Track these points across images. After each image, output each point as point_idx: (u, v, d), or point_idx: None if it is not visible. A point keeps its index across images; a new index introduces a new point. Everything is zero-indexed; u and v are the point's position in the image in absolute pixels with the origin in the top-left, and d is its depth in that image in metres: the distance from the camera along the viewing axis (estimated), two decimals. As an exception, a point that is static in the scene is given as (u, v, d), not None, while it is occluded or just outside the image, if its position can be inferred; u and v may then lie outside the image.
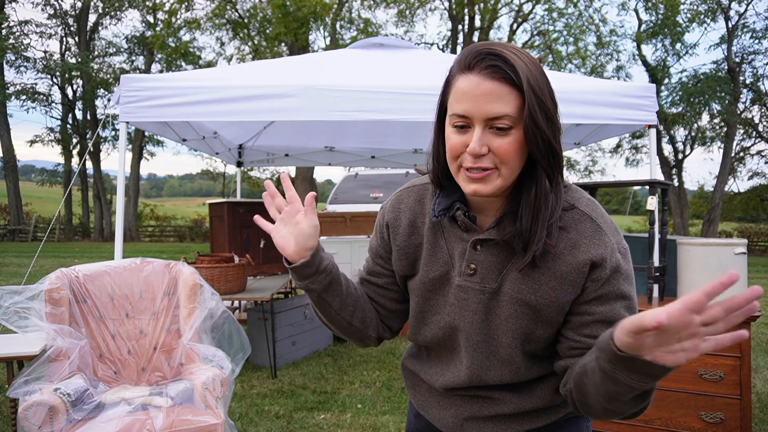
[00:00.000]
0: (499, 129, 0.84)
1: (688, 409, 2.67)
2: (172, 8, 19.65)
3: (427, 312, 1.03)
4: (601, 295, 0.90)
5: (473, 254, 0.95)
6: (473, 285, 0.95)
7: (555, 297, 0.91)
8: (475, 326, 0.96)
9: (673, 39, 18.30)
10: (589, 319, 0.91)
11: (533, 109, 0.83)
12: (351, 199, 7.81)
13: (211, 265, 3.76)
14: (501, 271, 0.94)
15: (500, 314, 0.94)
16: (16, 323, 2.35)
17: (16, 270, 10.44)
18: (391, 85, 3.45)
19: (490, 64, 0.83)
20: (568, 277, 0.90)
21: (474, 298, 0.96)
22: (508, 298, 0.93)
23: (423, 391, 1.10)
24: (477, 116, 0.84)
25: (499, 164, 0.86)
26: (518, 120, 0.84)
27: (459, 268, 0.97)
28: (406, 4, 19.84)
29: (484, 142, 0.84)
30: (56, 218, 14.67)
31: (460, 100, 0.85)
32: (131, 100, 3.35)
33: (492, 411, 1.01)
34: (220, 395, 2.36)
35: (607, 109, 3.56)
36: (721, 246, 2.68)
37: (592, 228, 0.91)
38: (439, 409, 1.07)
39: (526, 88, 0.82)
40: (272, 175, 25.43)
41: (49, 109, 21.87)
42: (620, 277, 0.90)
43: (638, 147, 21.27)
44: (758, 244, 19.13)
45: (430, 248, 1.00)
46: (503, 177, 0.87)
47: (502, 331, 0.95)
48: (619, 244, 0.92)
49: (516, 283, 0.92)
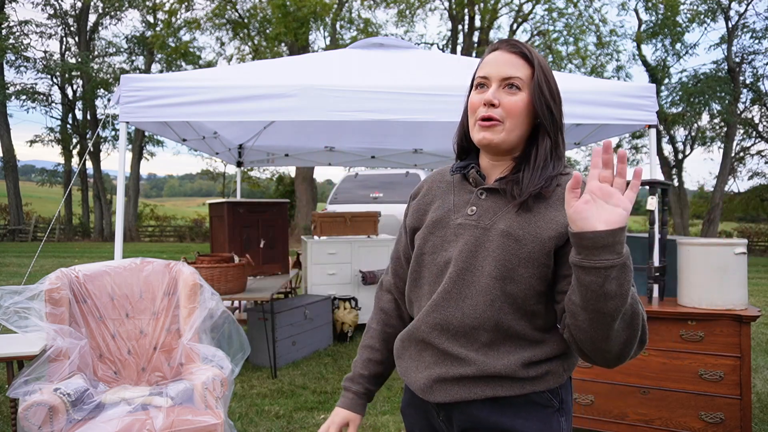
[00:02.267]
0: (510, 87, 1.05)
1: (688, 409, 2.68)
2: (172, 8, 19.65)
3: (425, 253, 1.13)
4: None
5: (477, 199, 1.10)
6: (470, 222, 1.08)
7: (538, 232, 1.02)
8: (462, 255, 1.06)
9: (673, 39, 18.29)
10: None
11: (540, 78, 1.06)
12: (351, 199, 7.80)
13: (211, 265, 3.76)
14: (497, 213, 1.07)
15: (488, 247, 1.05)
16: (16, 323, 2.35)
17: (16, 270, 10.44)
18: (391, 85, 3.45)
19: (511, 43, 1.09)
20: (554, 218, 1.02)
21: (469, 233, 1.07)
22: (499, 232, 1.04)
23: (406, 358, 1.17)
24: (494, 76, 1.07)
25: (505, 118, 1.05)
26: (526, 85, 1.06)
27: (462, 211, 1.11)
28: (406, 4, 19.83)
29: (497, 96, 1.05)
30: (56, 218, 14.66)
31: (484, 67, 1.09)
32: (131, 100, 3.35)
33: (456, 372, 1.06)
34: (220, 395, 2.36)
35: (607, 109, 3.56)
36: (721, 246, 2.68)
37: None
38: (415, 372, 1.13)
39: (536, 63, 1.07)
40: (272, 175, 25.47)
41: (49, 109, 21.87)
42: None
43: (638, 147, 21.27)
44: (758, 244, 19.12)
45: (440, 202, 1.16)
46: (507, 130, 1.06)
47: (487, 261, 1.04)
48: None
49: (508, 221, 1.05)
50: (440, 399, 1.08)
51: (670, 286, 3.16)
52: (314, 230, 5.68)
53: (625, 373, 2.80)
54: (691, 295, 2.75)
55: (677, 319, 2.71)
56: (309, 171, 18.32)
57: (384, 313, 1.28)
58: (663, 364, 2.73)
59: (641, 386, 2.77)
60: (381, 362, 1.26)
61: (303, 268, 5.84)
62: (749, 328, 2.58)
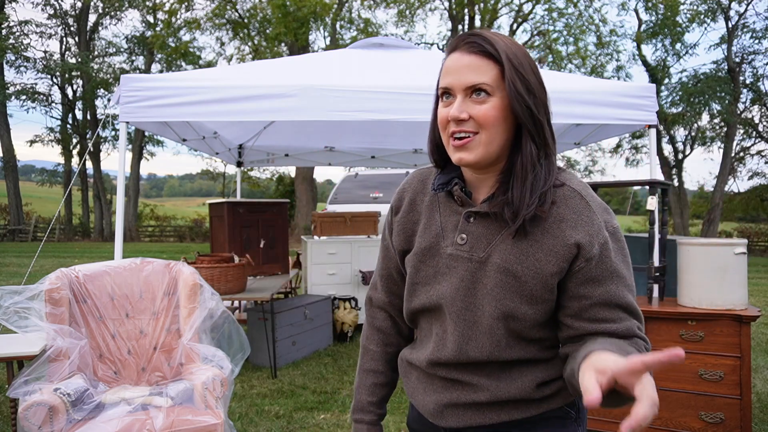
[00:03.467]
0: (478, 95, 0.91)
1: (688, 409, 2.67)
2: (172, 8, 19.65)
3: (417, 284, 1.05)
4: (595, 276, 0.92)
5: (466, 225, 0.99)
6: (462, 254, 0.98)
7: (539, 268, 0.93)
8: (460, 293, 0.98)
9: (673, 39, 18.29)
10: (587, 303, 0.93)
11: (512, 77, 0.91)
12: (351, 199, 7.80)
13: (211, 265, 3.76)
14: (491, 242, 0.96)
15: (486, 284, 0.96)
16: (16, 323, 2.35)
17: (16, 270, 10.44)
18: (391, 85, 3.45)
19: (469, 41, 0.93)
20: (553, 249, 0.92)
21: (462, 266, 0.98)
22: (495, 267, 0.95)
23: (413, 378, 1.12)
24: (457, 86, 0.93)
25: (480, 129, 0.92)
26: (496, 89, 0.92)
27: (451, 239, 1.00)
28: (406, 4, 19.83)
29: (464, 109, 0.92)
30: (56, 218, 14.66)
31: (445, 76, 0.95)
32: (131, 100, 3.35)
33: (469, 398, 1.01)
34: (220, 395, 2.36)
35: (607, 109, 3.56)
36: (721, 246, 2.68)
37: (580, 204, 0.94)
38: (423, 395, 1.08)
39: (504, 58, 0.91)
40: (272, 175, 25.46)
41: (49, 109, 21.87)
42: (611, 254, 0.93)
43: (638, 147, 21.27)
44: (758, 244, 19.12)
45: (426, 222, 1.05)
46: (484, 143, 0.93)
47: (487, 300, 0.96)
48: (607, 222, 0.94)
49: (504, 254, 0.95)
50: (452, 424, 1.04)
51: (670, 286, 3.16)
52: (314, 230, 5.69)
53: (625, 373, 2.79)
54: (691, 295, 2.75)
55: (677, 319, 2.71)
56: (309, 171, 18.31)
57: (382, 333, 1.21)
58: (663, 364, 2.72)
59: (641, 386, 2.77)
60: (387, 384, 1.22)
61: (303, 268, 5.84)
62: (749, 328, 2.58)
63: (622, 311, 0.93)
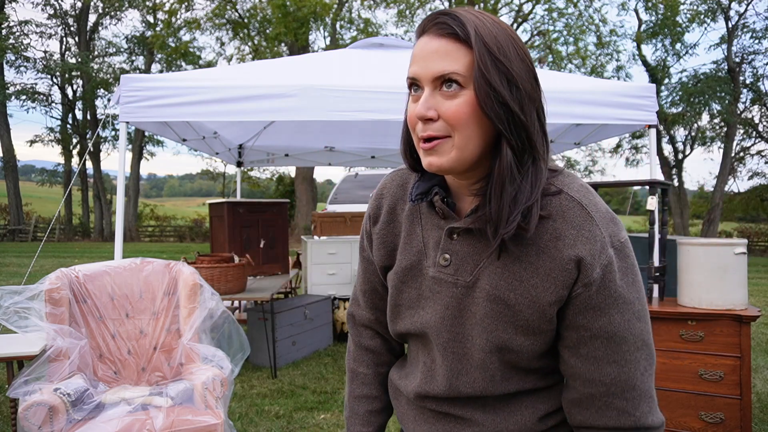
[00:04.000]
0: (448, 87, 0.75)
1: (688, 409, 2.67)
2: (172, 8, 19.65)
3: (401, 305, 0.93)
4: (596, 304, 0.78)
5: (448, 243, 0.85)
6: (446, 277, 0.85)
7: (534, 295, 0.79)
8: (446, 323, 0.86)
9: (673, 39, 18.30)
10: (586, 334, 0.80)
11: (484, 65, 0.73)
12: (351, 199, 7.81)
13: (211, 265, 3.76)
14: (477, 264, 0.83)
15: (475, 312, 0.83)
16: (16, 323, 2.35)
17: (16, 270, 10.44)
18: (391, 85, 3.45)
19: (439, 21, 0.76)
20: (550, 273, 0.78)
21: (447, 292, 0.86)
22: (485, 294, 0.82)
23: (402, 403, 1.01)
24: (424, 77, 0.76)
25: (452, 131, 0.76)
26: (470, 79, 0.74)
27: (433, 258, 0.87)
28: (406, 4, 19.84)
29: (432, 105, 0.76)
30: (56, 218, 14.66)
31: (411, 64, 0.78)
32: (131, 100, 3.35)
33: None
34: (220, 395, 2.36)
35: (607, 109, 3.56)
36: (721, 246, 2.67)
37: (581, 216, 0.78)
38: (414, 424, 0.97)
39: (474, 41, 0.73)
40: (272, 175, 25.47)
41: (49, 109, 21.87)
42: (615, 277, 0.78)
43: (638, 147, 21.28)
44: (758, 244, 19.12)
45: (407, 236, 0.92)
46: (457, 147, 0.76)
47: (477, 331, 0.84)
48: (613, 236, 0.79)
49: (493, 278, 0.81)
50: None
51: (670, 286, 3.16)
52: (314, 230, 5.69)
53: (625, 373, 2.80)
54: (691, 295, 2.75)
55: (677, 319, 2.71)
56: (309, 171, 18.31)
57: (372, 353, 1.08)
58: (663, 364, 2.73)
59: (641, 386, 2.77)
60: (383, 410, 1.08)
61: (303, 268, 5.84)
62: (749, 328, 2.58)
63: (626, 349, 0.80)
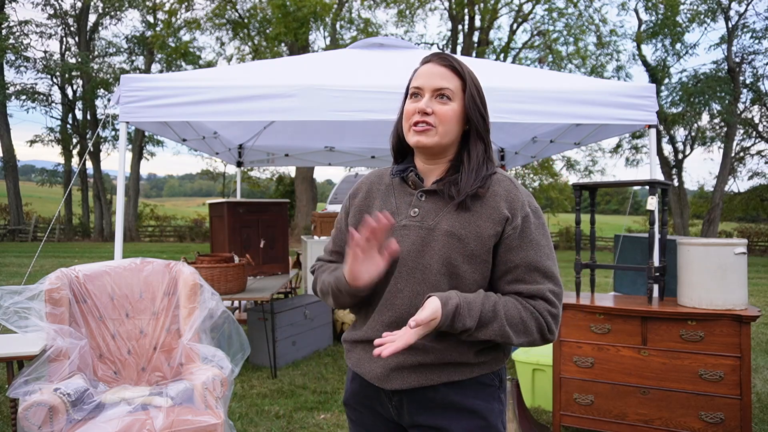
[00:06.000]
0: (441, 97, 1.18)
1: (688, 409, 2.68)
2: (172, 8, 19.66)
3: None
4: (518, 244, 1.14)
5: (418, 202, 1.21)
6: (415, 223, 1.18)
7: (479, 231, 1.14)
8: (411, 255, 1.16)
9: (673, 39, 18.29)
10: (510, 265, 1.15)
11: (472, 90, 1.20)
12: (351, 199, 7.79)
13: (211, 265, 3.76)
14: (438, 213, 1.17)
15: (434, 246, 1.15)
16: (16, 323, 2.35)
17: (16, 270, 10.44)
18: (391, 85, 3.45)
19: (442, 56, 1.21)
20: (490, 216, 1.15)
21: (414, 233, 1.17)
22: (443, 232, 1.15)
23: (358, 351, 1.25)
24: (427, 87, 1.19)
25: (438, 124, 1.17)
26: (456, 96, 1.18)
27: (405, 213, 1.21)
28: (406, 4, 19.83)
29: (430, 105, 1.17)
30: (56, 218, 14.66)
31: (417, 78, 1.21)
32: (131, 100, 3.35)
33: (416, 360, 1.15)
34: (220, 395, 2.36)
35: (607, 109, 3.55)
36: (721, 246, 2.68)
37: (510, 186, 1.19)
38: (370, 363, 1.21)
39: (466, 76, 1.20)
40: (272, 175, 25.47)
41: (49, 109, 21.84)
42: (531, 226, 1.15)
43: (638, 147, 21.27)
44: (758, 244, 19.13)
45: (381, 203, 1.26)
46: (440, 135, 1.17)
47: (434, 259, 1.14)
48: (530, 202, 1.18)
49: (450, 221, 1.16)
50: (397, 386, 1.17)
51: (670, 286, 3.16)
52: (314, 230, 5.69)
53: (625, 373, 2.80)
54: (691, 295, 2.75)
55: (677, 319, 2.71)
56: (309, 171, 18.32)
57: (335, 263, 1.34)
58: (663, 364, 2.73)
59: (641, 386, 2.77)
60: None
61: (303, 268, 5.84)
62: (749, 328, 2.58)
63: (538, 274, 1.14)
